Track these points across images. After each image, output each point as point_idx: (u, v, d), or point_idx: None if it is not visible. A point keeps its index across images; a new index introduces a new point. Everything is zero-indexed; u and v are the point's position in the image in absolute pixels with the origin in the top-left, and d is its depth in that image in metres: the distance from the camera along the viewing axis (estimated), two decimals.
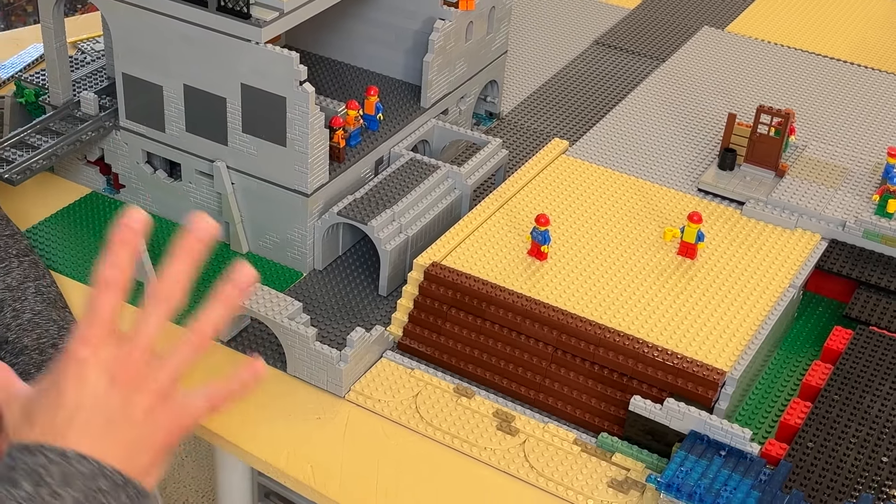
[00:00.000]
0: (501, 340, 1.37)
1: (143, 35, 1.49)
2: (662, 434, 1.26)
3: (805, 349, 1.45)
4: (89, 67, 1.72)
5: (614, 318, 1.37)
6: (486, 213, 1.53)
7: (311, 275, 1.54)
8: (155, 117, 1.55)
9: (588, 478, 1.26)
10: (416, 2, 1.67)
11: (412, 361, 1.40)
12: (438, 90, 1.68)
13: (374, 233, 1.46)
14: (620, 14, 2.21)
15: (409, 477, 1.27)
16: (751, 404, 1.37)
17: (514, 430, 1.32)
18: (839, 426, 1.26)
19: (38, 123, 1.59)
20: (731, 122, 1.65)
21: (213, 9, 1.42)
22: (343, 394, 1.36)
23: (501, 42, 1.80)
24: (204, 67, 1.47)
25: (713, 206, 1.59)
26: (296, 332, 1.35)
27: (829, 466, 1.21)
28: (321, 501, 1.26)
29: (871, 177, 1.63)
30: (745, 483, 1.18)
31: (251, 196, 1.52)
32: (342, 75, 1.76)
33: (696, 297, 1.41)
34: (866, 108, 1.90)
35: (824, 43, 2.11)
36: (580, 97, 1.92)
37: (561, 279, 1.43)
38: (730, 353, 1.32)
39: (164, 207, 1.62)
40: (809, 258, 1.49)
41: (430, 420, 1.33)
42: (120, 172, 1.64)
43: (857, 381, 1.32)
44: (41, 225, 1.61)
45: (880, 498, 1.17)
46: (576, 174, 1.65)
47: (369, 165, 1.58)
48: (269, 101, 1.44)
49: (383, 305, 1.49)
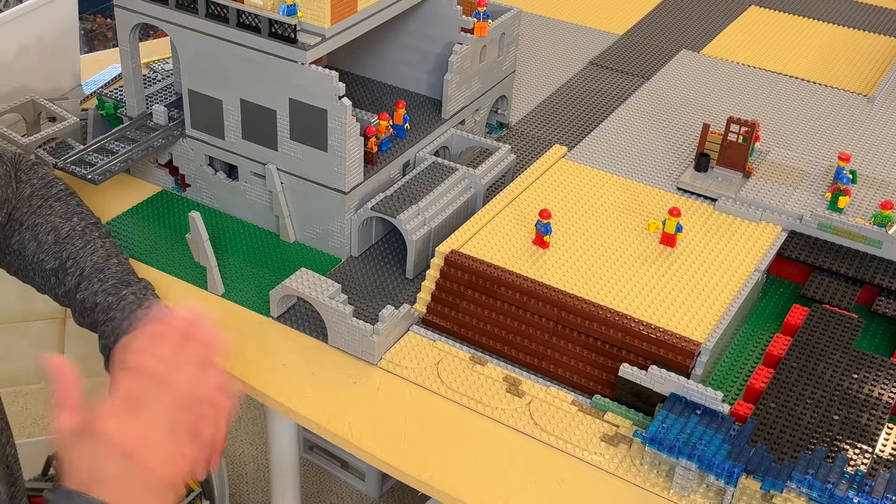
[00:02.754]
0: (510, 316, 1.38)
1: (206, 57, 1.49)
2: (647, 396, 1.26)
3: (768, 324, 1.45)
4: (160, 84, 1.72)
5: (606, 297, 1.37)
6: (497, 208, 1.53)
7: (349, 261, 1.54)
8: (216, 127, 1.55)
9: (584, 433, 1.26)
10: (438, 29, 1.67)
11: (434, 334, 1.40)
12: (457, 104, 1.68)
13: (402, 225, 1.46)
14: (611, 39, 2.20)
15: (431, 432, 1.27)
16: (722, 370, 1.36)
17: (521, 393, 1.32)
18: (797, 389, 1.26)
19: (117, 132, 1.60)
20: (706, 131, 1.64)
21: (265, 35, 1.42)
22: (375, 362, 1.36)
23: (510, 63, 1.79)
24: (257, 84, 1.47)
25: (690, 203, 1.59)
26: (335, 310, 1.35)
27: (788, 423, 1.21)
28: (357, 453, 1.26)
29: (824, 177, 1.63)
30: (717, 438, 1.18)
31: (297, 194, 1.53)
32: (375, 91, 1.76)
33: (675, 279, 1.41)
34: (820, 119, 1.89)
35: (784, 64, 2.10)
36: (577, 110, 1.91)
37: (561, 264, 1.43)
38: (704, 326, 1.32)
39: (223, 203, 1.62)
40: (772, 246, 1.49)
41: (449, 384, 1.33)
42: (186, 174, 1.64)
43: (812, 350, 1.32)
44: (119, 218, 1.61)
45: (832, 450, 1.17)
46: (573, 175, 1.64)
47: (398, 168, 1.58)
48: (313, 113, 1.44)
49: (410, 287, 1.49)
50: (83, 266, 1.37)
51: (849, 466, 1.15)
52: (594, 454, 1.24)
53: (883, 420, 1.22)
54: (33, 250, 1.39)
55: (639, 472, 1.22)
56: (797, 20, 2.31)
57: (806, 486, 1.13)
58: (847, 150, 1.75)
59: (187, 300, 1.43)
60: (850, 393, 1.25)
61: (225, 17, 1.44)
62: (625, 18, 2.30)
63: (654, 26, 2.27)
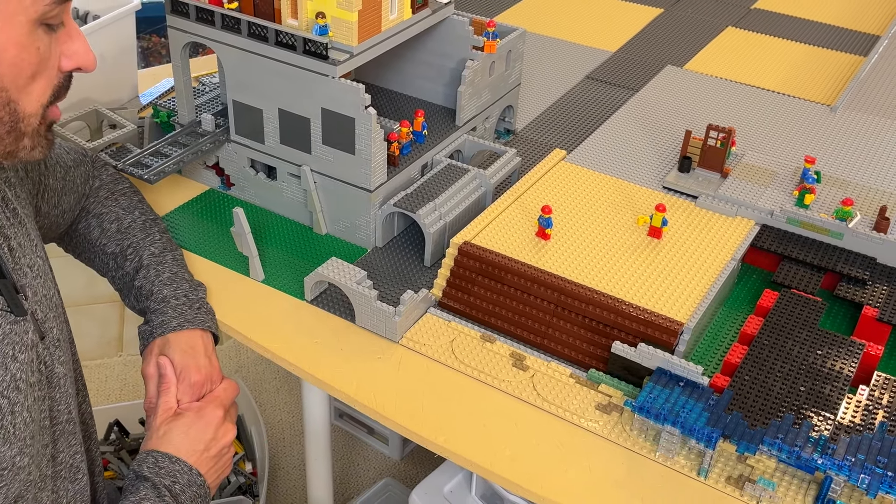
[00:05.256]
0: (516, 300, 1.38)
1: (248, 71, 1.49)
2: (636, 370, 1.26)
3: (743, 306, 1.44)
4: (208, 95, 1.72)
5: (600, 283, 1.36)
6: (504, 204, 1.53)
7: (374, 251, 1.54)
8: (257, 133, 1.55)
9: (580, 402, 1.26)
10: (452, 47, 1.66)
11: (449, 315, 1.41)
12: (469, 113, 1.67)
13: (421, 219, 1.46)
14: (605, 56, 2.20)
15: (446, 401, 1.27)
16: (702, 347, 1.36)
17: (525, 367, 1.32)
18: (768, 364, 1.26)
19: (170, 137, 1.60)
20: (688, 137, 1.64)
21: (300, 52, 1.42)
22: (397, 340, 1.36)
23: (516, 77, 1.79)
24: (293, 95, 1.47)
25: (674, 200, 1.59)
26: (362, 294, 1.35)
27: (760, 394, 1.21)
28: (381, 420, 1.26)
29: (792, 178, 1.62)
30: (697, 406, 1.18)
31: (329, 192, 1.53)
32: (397, 101, 1.76)
33: (661, 267, 1.41)
34: (789, 126, 1.89)
35: (757, 77, 2.09)
36: (575, 118, 1.91)
37: (560, 254, 1.42)
38: (686, 308, 1.32)
39: (263, 200, 1.62)
40: (746, 238, 1.48)
41: (462, 359, 1.33)
42: (230, 174, 1.64)
43: (781, 330, 1.31)
44: (171, 213, 1.61)
45: (798, 418, 1.17)
46: (572, 176, 1.64)
47: (417, 169, 1.58)
48: (342, 121, 1.44)
49: (427, 273, 1.49)
50: (141, 255, 1.37)
51: (813, 432, 1.15)
52: (589, 421, 1.24)
53: (843, 391, 1.22)
54: (97, 235, 1.40)
55: (629, 437, 1.22)
56: (769, 39, 2.30)
57: (776, 448, 1.13)
58: (812, 153, 1.75)
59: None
60: (815, 367, 1.25)
61: (265, 36, 1.44)
62: (616, 38, 2.30)
63: (643, 44, 2.27)
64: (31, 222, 1.18)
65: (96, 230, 1.40)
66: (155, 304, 1.32)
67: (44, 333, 1.09)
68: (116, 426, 2.22)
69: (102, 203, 1.42)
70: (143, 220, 1.42)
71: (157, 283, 1.34)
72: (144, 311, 1.35)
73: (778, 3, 2.54)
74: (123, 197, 1.44)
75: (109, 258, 1.39)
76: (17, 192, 1.18)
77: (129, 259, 1.37)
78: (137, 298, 1.36)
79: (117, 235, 1.39)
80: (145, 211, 1.44)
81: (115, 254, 1.38)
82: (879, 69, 2.12)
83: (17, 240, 1.11)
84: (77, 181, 1.39)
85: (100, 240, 1.40)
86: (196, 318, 1.31)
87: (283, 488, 2.36)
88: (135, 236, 1.39)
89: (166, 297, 1.32)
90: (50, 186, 1.32)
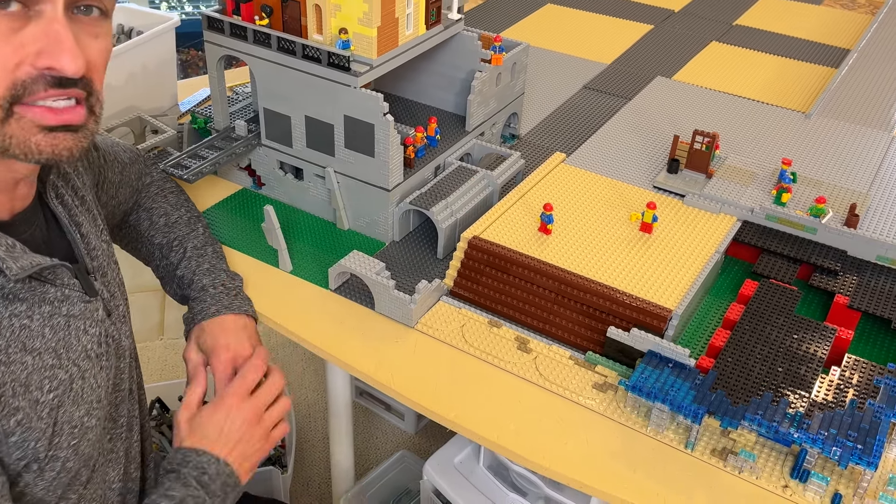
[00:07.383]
0: (520, 289, 1.37)
1: (278, 82, 1.49)
2: (629, 352, 1.26)
3: (726, 295, 1.44)
4: (241, 104, 1.73)
5: (597, 273, 1.36)
6: (510, 202, 1.53)
7: (391, 244, 1.54)
8: (285, 137, 1.55)
9: (579, 382, 1.26)
10: (463, 59, 1.66)
11: (459, 303, 1.40)
12: (477, 119, 1.67)
13: (434, 216, 1.46)
14: (601, 68, 2.19)
15: (457, 381, 1.27)
16: (689, 332, 1.36)
17: (529, 350, 1.32)
18: (749, 347, 1.25)
19: (207, 142, 1.60)
20: (676, 141, 1.64)
21: (325, 64, 1.42)
22: (413, 325, 1.36)
23: (520, 86, 1.79)
24: (318, 104, 1.47)
25: (664, 198, 1.58)
26: (381, 283, 1.35)
27: (742, 374, 1.21)
28: (397, 397, 1.26)
29: (770, 178, 1.62)
30: (685, 385, 1.18)
31: (351, 191, 1.53)
32: (412, 109, 1.76)
33: (652, 259, 1.40)
34: (767, 131, 1.88)
35: (739, 87, 2.08)
36: (574, 124, 1.91)
37: (561, 247, 1.42)
38: (675, 296, 1.32)
39: (291, 199, 1.62)
40: (729, 233, 1.48)
41: (471, 343, 1.33)
42: (261, 175, 1.64)
43: (761, 316, 1.31)
44: (208, 210, 1.61)
45: (776, 396, 1.17)
46: (571, 176, 1.64)
47: (431, 170, 1.58)
48: (363, 126, 1.44)
49: (440, 265, 1.49)
50: (185, 247, 1.38)
51: (790, 408, 1.14)
52: (587, 399, 1.24)
53: (817, 372, 1.21)
54: (147, 227, 1.41)
55: (623, 413, 1.22)
56: (749, 53, 2.29)
57: (756, 423, 1.12)
58: (789, 156, 1.74)
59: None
60: (791, 350, 1.25)
61: (293, 50, 1.44)
62: (611, 51, 2.29)
63: (635, 57, 2.26)
64: (97, 209, 1.20)
65: (146, 222, 1.41)
66: (195, 293, 1.33)
67: (110, 311, 1.11)
68: (158, 403, 2.22)
69: (153, 199, 1.43)
70: (189, 216, 1.43)
71: (197, 272, 1.35)
72: (185, 298, 1.36)
73: (758, 19, 2.53)
74: (172, 195, 1.45)
75: (156, 248, 1.40)
76: (84, 181, 1.20)
77: (174, 250, 1.38)
78: (179, 286, 1.37)
79: (164, 229, 1.40)
80: (190, 209, 1.45)
81: (162, 245, 1.39)
82: (849, 80, 2.11)
83: (86, 226, 1.13)
84: (132, 177, 1.40)
85: (148, 231, 1.41)
86: (233, 305, 1.32)
87: (308, 459, 2.36)
88: (180, 230, 1.40)
89: (205, 286, 1.33)
90: (109, 179, 1.33)
